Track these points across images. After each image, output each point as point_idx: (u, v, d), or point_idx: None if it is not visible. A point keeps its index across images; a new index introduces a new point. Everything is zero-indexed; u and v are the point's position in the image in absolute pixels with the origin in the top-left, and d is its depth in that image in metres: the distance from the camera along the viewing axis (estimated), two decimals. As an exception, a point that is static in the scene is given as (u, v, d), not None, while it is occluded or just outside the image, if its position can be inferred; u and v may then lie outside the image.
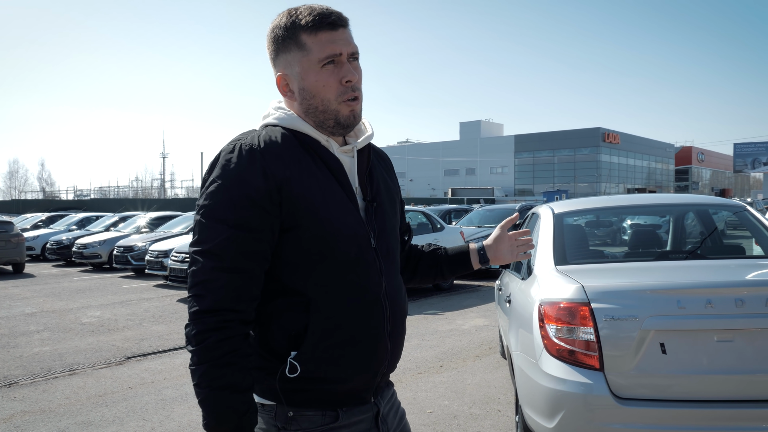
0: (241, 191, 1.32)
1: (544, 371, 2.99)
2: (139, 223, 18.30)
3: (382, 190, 1.56)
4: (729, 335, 2.75)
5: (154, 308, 10.14)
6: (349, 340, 1.40)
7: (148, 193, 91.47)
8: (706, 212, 4.38)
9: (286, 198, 1.35)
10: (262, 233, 1.34)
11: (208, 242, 1.33)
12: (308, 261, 1.38)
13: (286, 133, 1.43)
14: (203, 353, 1.30)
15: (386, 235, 1.52)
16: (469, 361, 6.25)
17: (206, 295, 1.31)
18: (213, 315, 1.30)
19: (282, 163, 1.36)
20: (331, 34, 1.41)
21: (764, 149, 68.99)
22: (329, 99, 1.42)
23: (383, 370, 1.49)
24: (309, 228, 1.37)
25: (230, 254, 1.32)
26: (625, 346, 2.79)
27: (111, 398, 5.31)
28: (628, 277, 3.17)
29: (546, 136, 77.67)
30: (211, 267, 1.32)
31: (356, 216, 1.44)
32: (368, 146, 1.55)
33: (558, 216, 3.92)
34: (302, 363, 1.36)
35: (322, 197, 1.39)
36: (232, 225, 1.32)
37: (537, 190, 71.03)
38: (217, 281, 1.32)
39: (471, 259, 1.80)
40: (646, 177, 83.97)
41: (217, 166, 1.37)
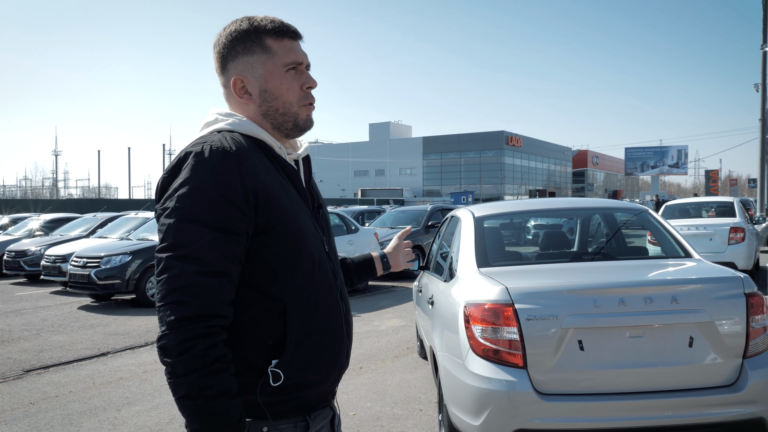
0: (220, 193, 1.30)
1: (470, 370, 3.09)
2: (33, 225, 17.09)
3: (320, 197, 1.64)
4: (639, 331, 2.96)
5: (52, 317, 9.52)
6: (321, 341, 1.44)
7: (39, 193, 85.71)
8: (611, 215, 4.67)
9: (261, 202, 1.35)
10: (240, 236, 1.33)
11: (187, 246, 1.28)
12: (284, 265, 1.39)
13: (248, 139, 1.44)
14: (191, 362, 1.25)
15: (331, 239, 1.61)
16: (388, 361, 6.33)
17: (189, 301, 1.26)
18: (199, 321, 1.26)
19: (256, 168, 1.37)
20: (292, 42, 1.49)
21: (652, 154, 74.25)
22: (291, 102, 1.48)
23: (344, 370, 1.55)
24: (282, 232, 1.39)
25: (214, 257, 1.29)
26: (547, 344, 2.94)
27: (11, 415, 4.94)
28: (547, 278, 3.34)
29: (453, 138, 79.69)
30: (193, 271, 1.27)
31: (312, 221, 1.51)
32: (308, 156, 1.62)
33: (478, 219, 4.06)
34: (285, 370, 1.36)
35: (289, 202, 1.42)
36: (213, 227, 1.29)
37: (444, 191, 72.73)
38: (201, 286, 1.27)
39: (376, 266, 1.95)
40: (546, 179, 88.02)
41: (186, 168, 1.33)
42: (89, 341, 7.68)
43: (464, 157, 78.56)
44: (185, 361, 1.25)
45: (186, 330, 1.25)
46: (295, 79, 1.48)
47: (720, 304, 3.00)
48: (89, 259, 10.51)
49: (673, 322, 2.97)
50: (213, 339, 1.27)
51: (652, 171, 73.99)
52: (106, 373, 6.16)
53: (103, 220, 15.26)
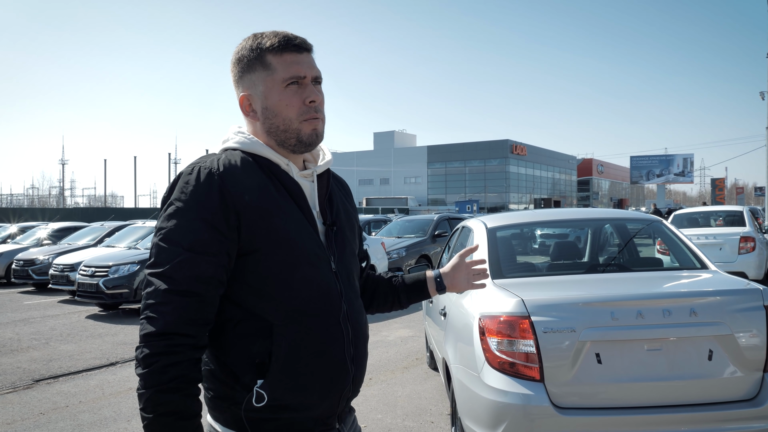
0: (197, 214, 1.33)
1: (485, 383, 3.07)
2: (40, 234, 17.15)
3: (342, 214, 1.57)
4: (657, 344, 2.93)
5: (61, 326, 9.53)
6: (313, 365, 1.39)
7: (46, 201, 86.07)
8: (623, 225, 4.65)
9: (244, 223, 1.35)
10: (217, 257, 1.33)
11: (163, 265, 1.32)
12: (269, 285, 1.38)
13: (247, 157, 1.44)
14: (150, 378, 1.28)
15: (346, 259, 1.53)
16: (397, 372, 6.30)
17: (158, 318, 1.29)
18: (163, 338, 1.29)
19: (241, 188, 1.36)
20: (295, 56, 1.46)
21: (657, 162, 74.03)
22: (291, 118, 1.45)
23: (347, 395, 1.49)
24: (269, 252, 1.37)
25: (183, 277, 1.31)
26: (564, 357, 2.92)
27: (21, 426, 4.93)
28: (564, 290, 3.31)
29: (458, 147, 79.73)
30: (164, 290, 1.30)
31: (316, 239, 1.45)
32: (327, 171, 1.58)
33: (491, 230, 4.04)
34: (269, 391, 1.35)
35: (281, 221, 1.39)
36: (186, 248, 1.32)
37: (449, 199, 72.66)
38: (169, 304, 1.30)
39: (428, 288, 1.81)
40: (550, 187, 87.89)
41: (176, 189, 1.37)
42: (98, 351, 7.68)
43: (469, 165, 78.54)
44: (146, 376, 1.29)
45: (151, 345, 1.29)
46: (296, 94, 1.45)
47: (739, 317, 2.97)
48: (97, 269, 10.53)
49: (692, 334, 2.94)
50: (173, 358, 1.29)
51: (658, 179, 73.76)
52: (115, 383, 6.15)
53: (111, 229, 15.29)
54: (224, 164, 1.38)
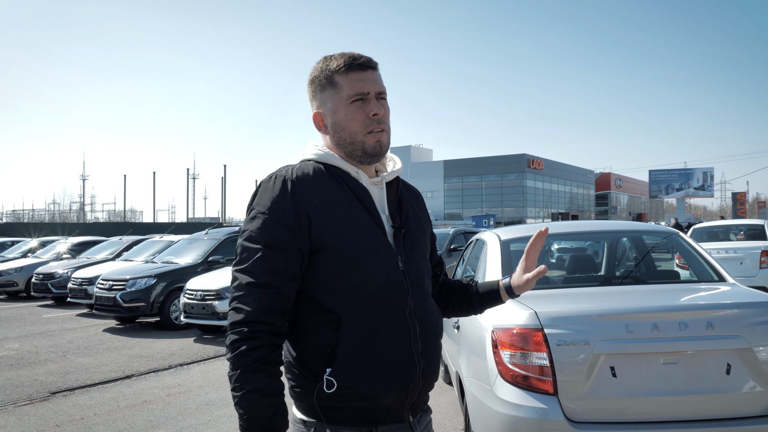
0: (273, 216, 1.50)
1: (498, 397, 3.03)
2: (60, 248, 17.38)
3: (411, 218, 1.68)
4: (674, 358, 2.88)
5: (78, 339, 9.61)
6: (379, 356, 1.49)
7: (66, 216, 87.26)
8: (640, 238, 4.59)
9: (314, 222, 1.50)
10: (291, 253, 1.49)
11: (245, 261, 1.50)
12: (337, 280, 1.51)
13: (319, 166, 1.60)
14: (236, 360, 1.45)
15: (414, 259, 1.63)
16: (412, 386, 6.24)
17: (241, 309, 1.47)
18: (246, 326, 1.45)
19: (310, 191, 1.53)
20: (360, 74, 1.60)
21: (676, 176, 73.32)
22: (356, 131, 1.59)
23: (417, 388, 1.56)
24: (337, 250, 1.51)
25: (262, 272, 1.48)
26: (578, 371, 2.87)
27: (36, 438, 4.96)
28: (577, 302, 3.27)
29: (474, 161, 79.71)
30: (246, 283, 1.48)
31: (382, 239, 1.57)
32: (397, 179, 1.70)
33: (505, 242, 4.01)
34: (337, 379, 1.47)
35: (347, 222, 1.53)
36: (264, 245, 1.49)
37: (466, 214, 72.53)
38: (251, 296, 1.47)
39: (501, 296, 1.85)
40: (568, 202, 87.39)
41: (257, 195, 1.56)
42: (114, 363, 7.72)
43: (485, 180, 78.43)
44: (233, 359, 1.45)
45: (236, 332, 1.46)
46: (360, 109, 1.59)
47: (758, 330, 2.91)
48: (115, 282, 10.61)
49: (709, 348, 2.88)
50: (255, 342, 1.45)
51: (677, 194, 73.01)
52: (130, 396, 6.17)
53: (129, 243, 15.45)
54: (297, 173, 1.56)
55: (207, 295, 9.38)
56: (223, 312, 9.07)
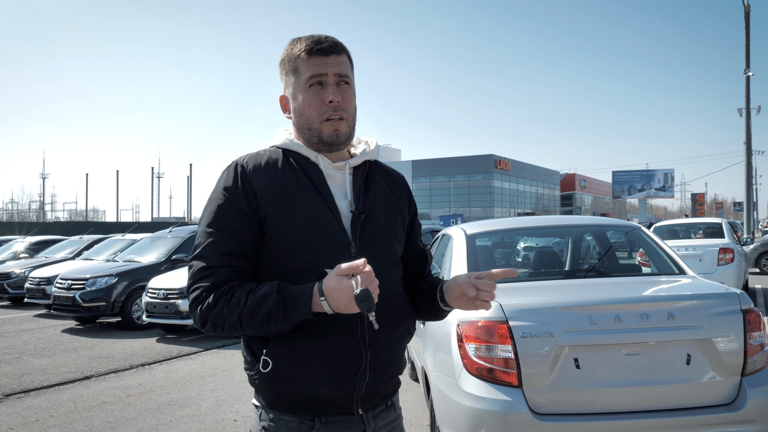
0: (225, 201, 1.50)
1: (464, 390, 3.01)
2: (17, 248, 16.87)
3: (380, 205, 1.61)
4: (636, 348, 2.90)
5: (35, 340, 9.32)
6: (316, 343, 1.45)
7: (25, 216, 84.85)
8: (603, 233, 4.64)
9: (261, 205, 1.49)
10: (243, 234, 1.48)
11: (199, 247, 1.50)
12: (280, 264, 1.48)
13: (278, 151, 1.59)
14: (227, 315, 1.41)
15: (372, 246, 1.54)
16: (378, 384, 6.21)
17: (200, 286, 1.45)
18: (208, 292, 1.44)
19: (258, 175, 1.52)
20: (321, 59, 1.54)
21: (639, 177, 74.89)
22: (312, 117, 1.54)
23: (365, 380, 1.48)
24: (282, 233, 1.48)
25: (216, 255, 1.47)
26: (542, 363, 2.88)
27: (-12, 441, 4.78)
28: (541, 295, 3.28)
29: (442, 161, 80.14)
30: (200, 268, 1.47)
31: (334, 225, 1.51)
32: (366, 163, 1.64)
33: (470, 237, 4.01)
34: (272, 360, 1.45)
35: (295, 205, 1.49)
36: (216, 229, 1.48)
37: (434, 214, 72.76)
38: (208, 278, 1.46)
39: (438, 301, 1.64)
40: (534, 202, 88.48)
41: (214, 186, 1.57)
42: (72, 364, 7.51)
43: (453, 180, 78.94)
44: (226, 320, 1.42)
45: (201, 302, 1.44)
46: (317, 94, 1.54)
47: (717, 321, 2.95)
48: (74, 281, 10.33)
49: (670, 339, 2.92)
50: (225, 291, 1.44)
51: (640, 194, 74.60)
52: (88, 397, 6.00)
53: (89, 242, 15.09)
54: (251, 156, 1.57)
55: (170, 293, 9.19)
56: (187, 311, 8.89)
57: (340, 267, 1.36)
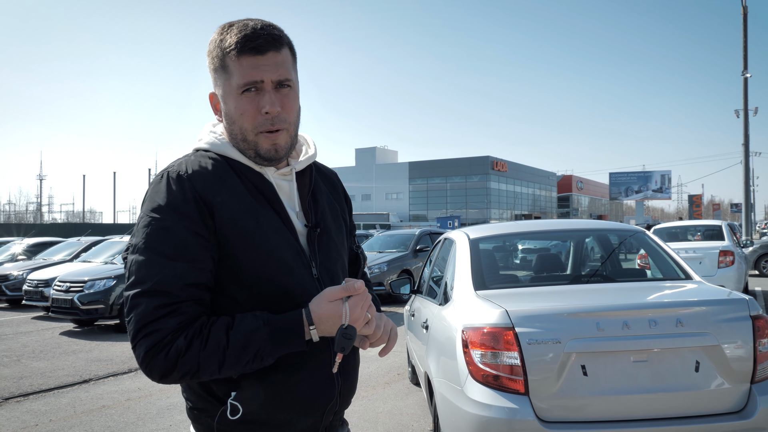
0: (175, 221, 1.24)
1: (469, 397, 2.98)
2: (15, 250, 16.79)
3: (328, 214, 1.47)
4: (644, 355, 2.88)
5: (33, 342, 9.27)
6: (291, 378, 1.31)
7: (23, 217, 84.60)
8: (606, 236, 4.61)
9: (219, 224, 1.27)
10: (203, 263, 1.25)
11: (149, 280, 1.21)
12: (243, 294, 1.30)
13: (217, 158, 1.35)
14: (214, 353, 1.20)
15: (330, 264, 1.43)
16: (378, 388, 6.18)
17: (160, 328, 1.19)
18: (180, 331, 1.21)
19: (212, 190, 1.28)
20: (255, 59, 1.29)
21: (635, 179, 75.06)
22: (246, 128, 1.32)
23: (333, 408, 1.40)
24: (242, 259, 1.29)
25: (178, 288, 1.22)
26: (549, 370, 2.85)
27: (-13, 447, 4.74)
28: (548, 300, 3.25)
29: (439, 163, 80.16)
30: (155, 306, 1.20)
31: (293, 244, 1.35)
32: (310, 166, 1.47)
33: (474, 241, 3.98)
34: (244, 404, 1.28)
35: (254, 226, 1.30)
36: (172, 257, 1.22)
37: (431, 215, 72.81)
38: (170, 316, 1.21)
39: None
40: (531, 203, 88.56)
41: (147, 200, 1.29)
42: (71, 368, 7.46)
43: (450, 182, 78.99)
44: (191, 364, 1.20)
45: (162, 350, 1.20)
46: (252, 101, 1.30)
47: (726, 327, 2.93)
48: (72, 284, 10.27)
49: (679, 345, 2.89)
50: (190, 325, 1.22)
51: (636, 196, 74.75)
52: (87, 401, 5.95)
53: (87, 244, 15.01)
54: (193, 167, 1.30)
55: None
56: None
57: (333, 291, 1.27)
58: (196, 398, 1.33)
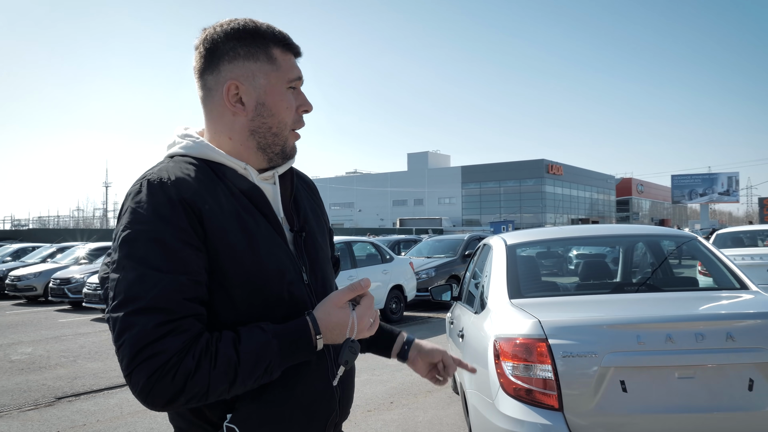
0: (165, 231, 1.14)
1: (500, 411, 2.85)
2: (78, 254, 17.50)
3: (310, 218, 1.42)
4: (690, 371, 2.67)
5: (90, 344, 9.58)
6: (290, 393, 1.25)
7: (90, 223, 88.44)
8: (657, 243, 4.37)
9: (209, 232, 1.19)
10: (199, 275, 1.17)
11: (143, 297, 1.09)
12: (234, 307, 1.22)
13: (197, 163, 1.27)
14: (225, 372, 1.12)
15: (319, 268, 1.38)
16: (420, 396, 6.07)
17: (164, 350, 1.08)
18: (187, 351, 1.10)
19: (199, 196, 1.20)
20: (293, 59, 1.34)
21: (700, 181, 72.11)
22: (286, 123, 1.32)
23: (335, 420, 1.35)
24: (234, 272, 1.21)
25: (175, 302, 1.12)
26: (585, 384, 2.68)
27: (34, 446, 4.88)
28: (585, 311, 3.08)
29: (492, 167, 79.19)
30: (154, 324, 1.08)
31: (285, 250, 1.29)
32: (290, 171, 1.41)
33: (511, 247, 3.83)
34: (240, 426, 1.21)
35: (243, 234, 1.23)
36: (167, 270, 1.12)
37: (484, 220, 72.03)
38: (173, 334, 1.10)
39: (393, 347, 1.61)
40: (588, 208, 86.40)
41: (126, 212, 1.18)
42: (121, 370, 7.65)
43: (504, 186, 77.91)
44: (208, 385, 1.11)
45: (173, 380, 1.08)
46: (294, 99, 1.33)
47: None
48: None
49: (729, 361, 2.67)
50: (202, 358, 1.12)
51: (701, 199, 71.78)
52: (134, 403, 6.06)
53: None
54: (175, 173, 1.21)
55: None
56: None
57: (340, 295, 1.23)
58: (187, 425, 1.25)
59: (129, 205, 1.18)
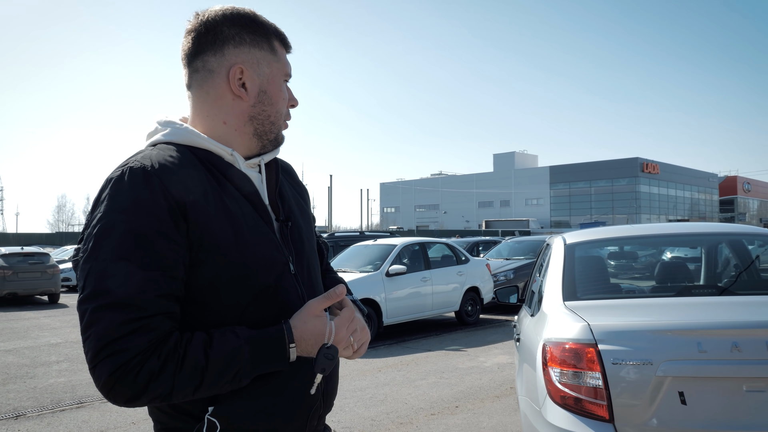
0: (143, 223, 1.11)
1: (547, 420, 2.65)
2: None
3: (294, 206, 1.41)
4: (761, 384, 2.37)
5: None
6: (273, 384, 1.23)
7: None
8: (741, 242, 3.98)
9: (192, 225, 1.15)
10: (175, 270, 1.13)
11: (113, 291, 1.07)
12: (219, 298, 1.19)
13: (182, 150, 1.24)
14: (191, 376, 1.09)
15: (305, 258, 1.37)
16: (487, 401, 5.87)
17: (128, 347, 1.05)
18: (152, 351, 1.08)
19: (183, 187, 1.16)
20: (287, 56, 1.39)
21: (814, 178, 66.52)
22: (281, 113, 1.36)
23: (319, 412, 1.34)
24: (219, 263, 1.18)
25: (145, 298, 1.08)
26: (638, 395, 2.44)
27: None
28: (642, 314, 2.81)
29: (582, 166, 76.54)
30: (121, 321, 1.06)
31: (273, 240, 1.28)
32: (275, 159, 1.42)
33: (569, 247, 3.59)
34: (222, 419, 1.19)
35: (231, 223, 1.20)
36: (141, 264, 1.09)
37: (573, 221, 69.74)
38: (139, 333, 1.07)
39: None
40: (689, 208, 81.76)
41: (105, 199, 1.14)
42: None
43: (594, 186, 75.09)
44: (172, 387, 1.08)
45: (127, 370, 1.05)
46: (287, 92, 1.38)
47: None
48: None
49: None
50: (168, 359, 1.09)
51: (817, 198, 66.15)
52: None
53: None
54: (159, 161, 1.17)
55: None
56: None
57: (316, 304, 1.22)
58: (168, 418, 1.22)
59: (110, 192, 1.14)
